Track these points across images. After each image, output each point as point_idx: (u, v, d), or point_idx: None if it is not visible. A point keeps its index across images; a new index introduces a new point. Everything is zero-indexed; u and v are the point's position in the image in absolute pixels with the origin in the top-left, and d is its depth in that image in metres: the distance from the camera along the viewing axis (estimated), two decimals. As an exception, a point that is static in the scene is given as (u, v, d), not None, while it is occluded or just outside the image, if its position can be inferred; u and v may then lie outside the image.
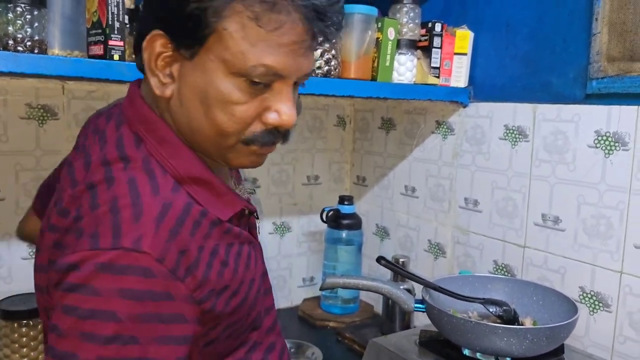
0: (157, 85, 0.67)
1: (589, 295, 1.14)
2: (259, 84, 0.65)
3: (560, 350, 1.06)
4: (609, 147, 1.09)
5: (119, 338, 0.58)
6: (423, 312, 1.09)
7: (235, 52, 0.63)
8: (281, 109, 0.67)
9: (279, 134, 0.69)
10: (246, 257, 0.73)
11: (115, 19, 0.90)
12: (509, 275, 1.29)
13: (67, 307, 0.59)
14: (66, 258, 0.60)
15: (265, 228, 1.61)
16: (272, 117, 0.67)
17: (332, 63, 1.15)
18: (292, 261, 1.68)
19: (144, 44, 0.65)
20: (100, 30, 0.90)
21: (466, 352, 1.04)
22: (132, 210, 0.61)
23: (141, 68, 0.70)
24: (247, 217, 0.78)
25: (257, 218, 0.83)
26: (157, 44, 0.65)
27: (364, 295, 1.67)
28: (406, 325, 1.43)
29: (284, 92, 0.67)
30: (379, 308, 1.59)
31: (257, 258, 0.78)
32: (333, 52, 1.15)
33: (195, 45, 0.64)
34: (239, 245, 0.72)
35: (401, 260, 1.46)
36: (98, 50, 0.91)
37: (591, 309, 1.13)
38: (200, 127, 0.67)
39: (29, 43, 0.87)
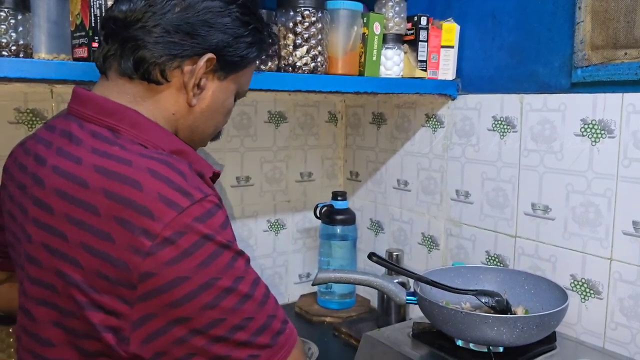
0: (191, 98, 0.78)
1: (580, 283, 1.14)
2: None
3: (552, 338, 1.06)
4: (595, 135, 1.10)
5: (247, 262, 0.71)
6: (415, 304, 1.09)
7: (247, 80, 0.86)
8: None
9: None
10: None
11: (98, 21, 0.90)
12: (502, 265, 1.29)
13: (203, 263, 0.65)
14: (155, 238, 0.63)
15: (259, 225, 1.62)
16: None
17: (319, 59, 1.15)
18: (287, 258, 1.69)
19: (200, 63, 0.75)
20: (83, 33, 0.90)
21: (459, 342, 1.05)
22: (173, 175, 0.68)
23: (146, 77, 0.75)
24: None
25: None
26: (205, 65, 0.76)
27: (360, 290, 1.67)
28: (402, 318, 1.43)
29: None
30: (375, 302, 1.59)
31: None
32: (319, 48, 1.15)
33: (234, 71, 0.80)
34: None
35: (395, 254, 1.47)
36: (82, 52, 0.91)
37: (582, 296, 1.14)
38: (206, 128, 0.83)
39: (13, 47, 0.87)
